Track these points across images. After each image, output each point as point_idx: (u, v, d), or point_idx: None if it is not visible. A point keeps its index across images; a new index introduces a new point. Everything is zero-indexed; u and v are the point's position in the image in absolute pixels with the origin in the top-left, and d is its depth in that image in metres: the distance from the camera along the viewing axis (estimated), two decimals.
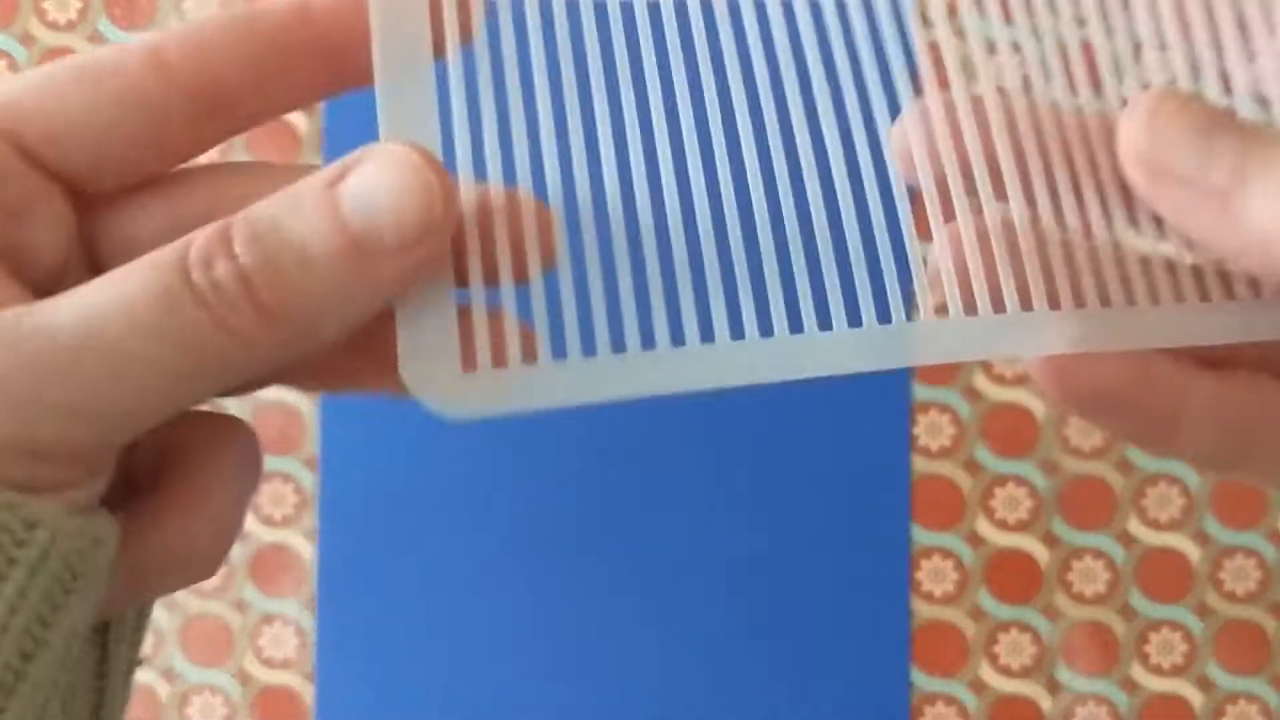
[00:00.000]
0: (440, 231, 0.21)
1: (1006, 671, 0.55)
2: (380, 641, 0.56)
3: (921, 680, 0.55)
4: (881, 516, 0.55)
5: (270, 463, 0.56)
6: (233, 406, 0.57)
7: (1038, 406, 0.55)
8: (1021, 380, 0.55)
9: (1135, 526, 0.55)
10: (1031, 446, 0.55)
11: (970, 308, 0.23)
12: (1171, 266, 0.24)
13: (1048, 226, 0.24)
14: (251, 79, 0.23)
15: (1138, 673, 0.55)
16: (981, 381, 0.55)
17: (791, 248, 0.23)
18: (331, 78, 0.23)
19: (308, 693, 0.56)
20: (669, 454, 0.55)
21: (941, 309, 0.24)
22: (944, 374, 0.55)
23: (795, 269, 0.23)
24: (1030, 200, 0.23)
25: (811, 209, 0.23)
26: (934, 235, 0.23)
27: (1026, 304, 0.23)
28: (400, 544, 0.56)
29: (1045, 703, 0.55)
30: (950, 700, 0.55)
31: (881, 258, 0.23)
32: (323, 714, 0.55)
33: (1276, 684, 0.55)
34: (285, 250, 0.21)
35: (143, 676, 0.56)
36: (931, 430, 0.55)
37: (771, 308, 0.23)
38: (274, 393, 0.53)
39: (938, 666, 0.55)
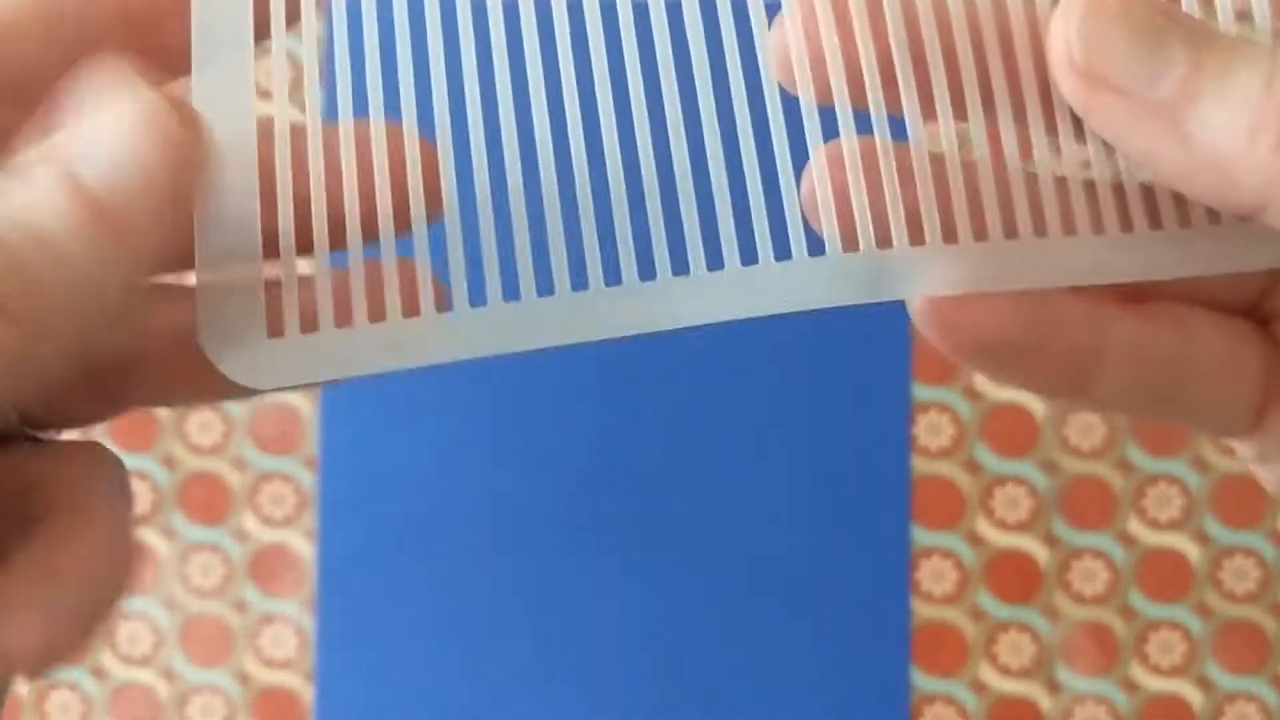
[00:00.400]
0: (190, 168, 0.19)
1: (1006, 671, 0.55)
2: (380, 641, 0.56)
3: (921, 680, 0.55)
4: (881, 516, 0.55)
5: (270, 463, 0.56)
6: (229, 406, 0.57)
7: (1038, 406, 0.55)
8: None
9: (1135, 526, 0.55)
10: (1031, 446, 0.55)
11: (850, 242, 0.20)
12: (1093, 191, 0.21)
13: (947, 145, 0.21)
14: (57, 61, 0.20)
15: (1137, 673, 0.55)
16: (981, 381, 0.55)
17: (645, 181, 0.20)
18: (145, 56, 0.20)
19: (307, 693, 0.56)
20: (669, 455, 0.55)
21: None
22: (944, 374, 0.55)
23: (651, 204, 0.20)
24: (931, 113, 0.21)
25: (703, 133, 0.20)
26: (810, 156, 0.20)
27: (916, 237, 0.20)
28: (400, 544, 0.56)
29: (1045, 703, 0.55)
30: (950, 700, 0.55)
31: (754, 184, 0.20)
32: (322, 714, 0.55)
33: (1276, 684, 0.55)
34: (20, 239, 0.17)
35: (143, 676, 0.56)
36: (931, 430, 0.55)
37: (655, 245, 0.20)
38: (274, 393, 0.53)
39: (938, 666, 0.55)
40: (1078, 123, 0.21)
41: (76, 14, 0.20)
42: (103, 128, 0.18)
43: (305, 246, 0.20)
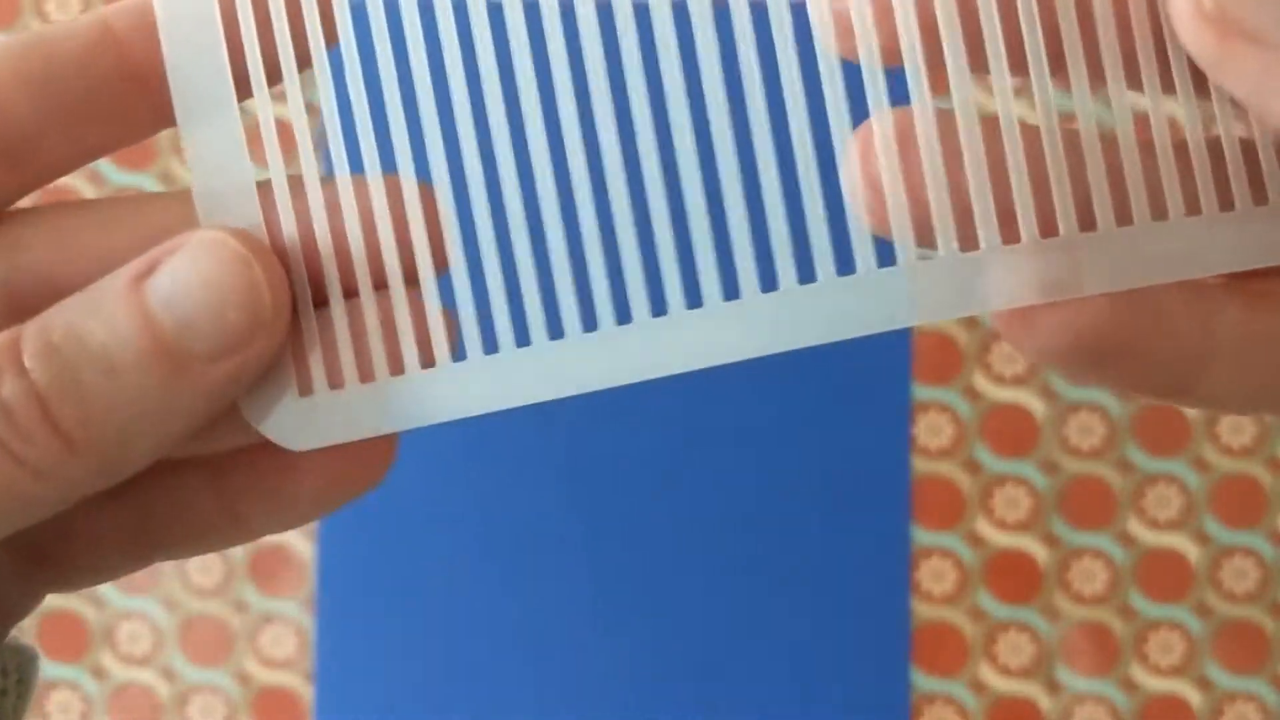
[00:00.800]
0: (270, 331, 0.18)
1: (1006, 671, 0.55)
2: (380, 641, 0.56)
3: (921, 680, 0.55)
4: (881, 516, 0.55)
5: None
6: None
7: (1038, 406, 0.55)
8: (1021, 380, 0.55)
9: (1135, 526, 0.55)
10: (1031, 446, 0.55)
11: (927, 241, 0.18)
12: (1219, 160, 0.18)
13: (1044, 115, 0.18)
14: (53, 119, 0.19)
15: (1137, 672, 0.55)
16: (981, 381, 0.55)
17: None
18: (149, 110, 0.20)
19: (307, 693, 0.56)
20: (669, 455, 0.55)
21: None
22: (944, 374, 0.55)
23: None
24: (1021, 72, 0.17)
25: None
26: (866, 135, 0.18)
27: (1010, 233, 0.18)
28: (400, 544, 0.56)
29: (1045, 702, 0.55)
30: (950, 700, 0.55)
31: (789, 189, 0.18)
32: (322, 714, 0.55)
33: (1275, 684, 0.55)
34: (85, 361, 0.18)
35: (143, 676, 0.56)
36: (931, 430, 0.55)
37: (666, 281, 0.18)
38: None
39: (938, 666, 0.55)
40: (1197, 81, 0.18)
41: (73, 72, 0.19)
42: (183, 263, 0.18)
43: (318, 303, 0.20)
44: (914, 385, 0.55)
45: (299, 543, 0.56)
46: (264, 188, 0.20)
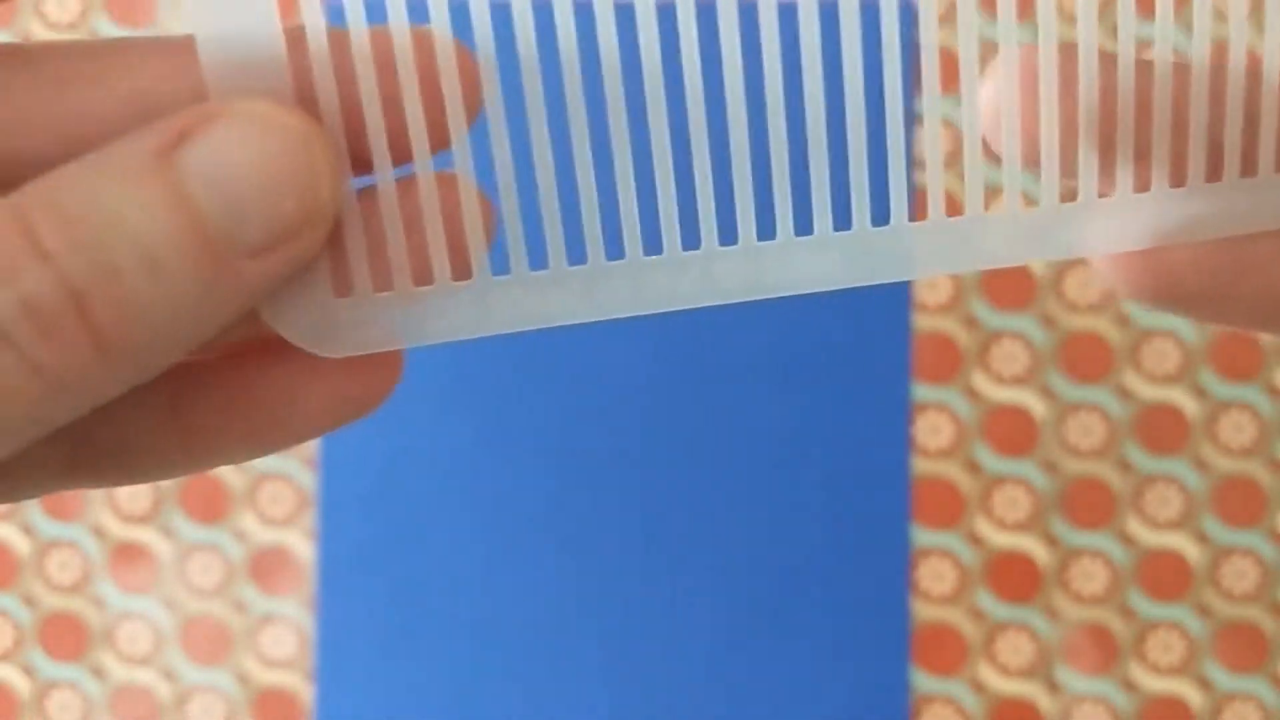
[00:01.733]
0: (322, 224, 0.16)
1: (1006, 671, 0.55)
2: (380, 641, 0.56)
3: (921, 680, 0.55)
4: (881, 516, 0.55)
5: (270, 463, 0.56)
6: None
7: (1038, 406, 0.55)
8: (1021, 380, 0.55)
9: (1135, 526, 0.55)
10: (1031, 446, 0.55)
11: (1031, 163, 0.18)
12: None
13: (1160, 51, 0.18)
14: None
15: (1136, 672, 0.55)
16: (981, 382, 0.55)
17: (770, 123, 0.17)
18: None
19: (308, 693, 0.56)
20: (669, 455, 0.55)
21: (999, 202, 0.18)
22: (944, 374, 0.55)
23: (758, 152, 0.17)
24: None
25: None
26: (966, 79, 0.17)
27: (1106, 184, 0.18)
28: (400, 544, 0.56)
29: (1044, 702, 0.55)
30: (950, 700, 0.55)
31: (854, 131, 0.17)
32: (322, 714, 0.55)
33: (1275, 683, 0.55)
34: (122, 247, 0.15)
35: (143, 676, 0.56)
36: (931, 430, 0.55)
37: (739, 208, 0.17)
38: None
39: (938, 666, 0.55)
40: None
41: None
42: (226, 139, 0.15)
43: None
44: (914, 385, 0.55)
45: (299, 543, 0.56)
46: (292, 38, 0.16)
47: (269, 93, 0.16)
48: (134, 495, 0.56)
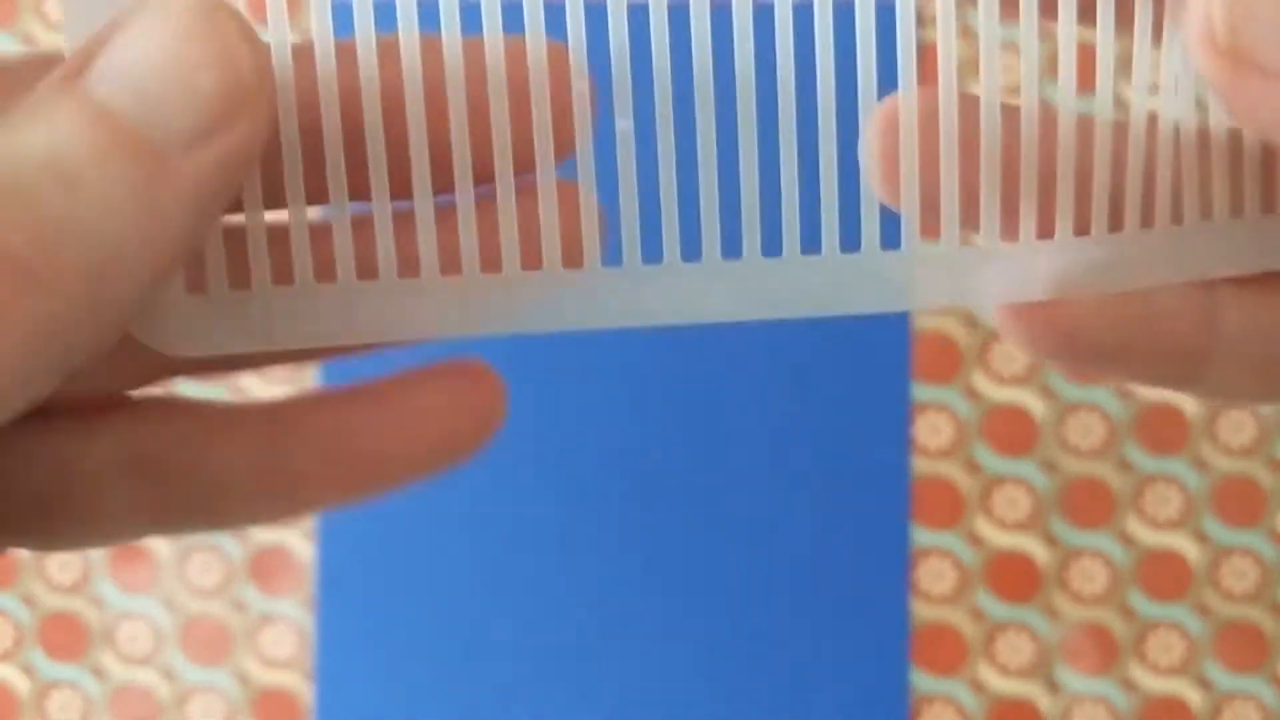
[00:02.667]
0: (253, 104, 0.14)
1: (1006, 671, 0.55)
2: (380, 641, 0.56)
3: (921, 680, 0.55)
4: (881, 516, 0.55)
5: None
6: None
7: (1038, 406, 0.55)
8: (1021, 380, 0.55)
9: (1134, 526, 0.55)
10: (1031, 446, 0.55)
11: (930, 231, 0.17)
12: (1206, 169, 0.18)
13: (1064, 109, 0.17)
14: None
15: (1136, 672, 0.55)
16: (981, 381, 0.55)
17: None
18: None
19: (308, 693, 0.56)
20: (669, 455, 0.55)
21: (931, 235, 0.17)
22: (944, 374, 0.55)
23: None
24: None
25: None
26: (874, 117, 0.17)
27: (1009, 230, 0.17)
28: (400, 544, 0.56)
29: (1044, 703, 0.55)
30: (950, 700, 0.55)
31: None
32: (323, 714, 0.55)
33: (1275, 683, 0.55)
34: (32, 174, 0.14)
35: (143, 676, 0.56)
36: (931, 430, 0.55)
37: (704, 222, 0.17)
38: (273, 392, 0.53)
39: (937, 666, 0.55)
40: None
41: None
42: (133, 35, 0.14)
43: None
44: (914, 385, 0.55)
45: (299, 543, 0.56)
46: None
47: None
48: None
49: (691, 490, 0.55)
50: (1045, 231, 0.17)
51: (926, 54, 0.17)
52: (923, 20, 0.17)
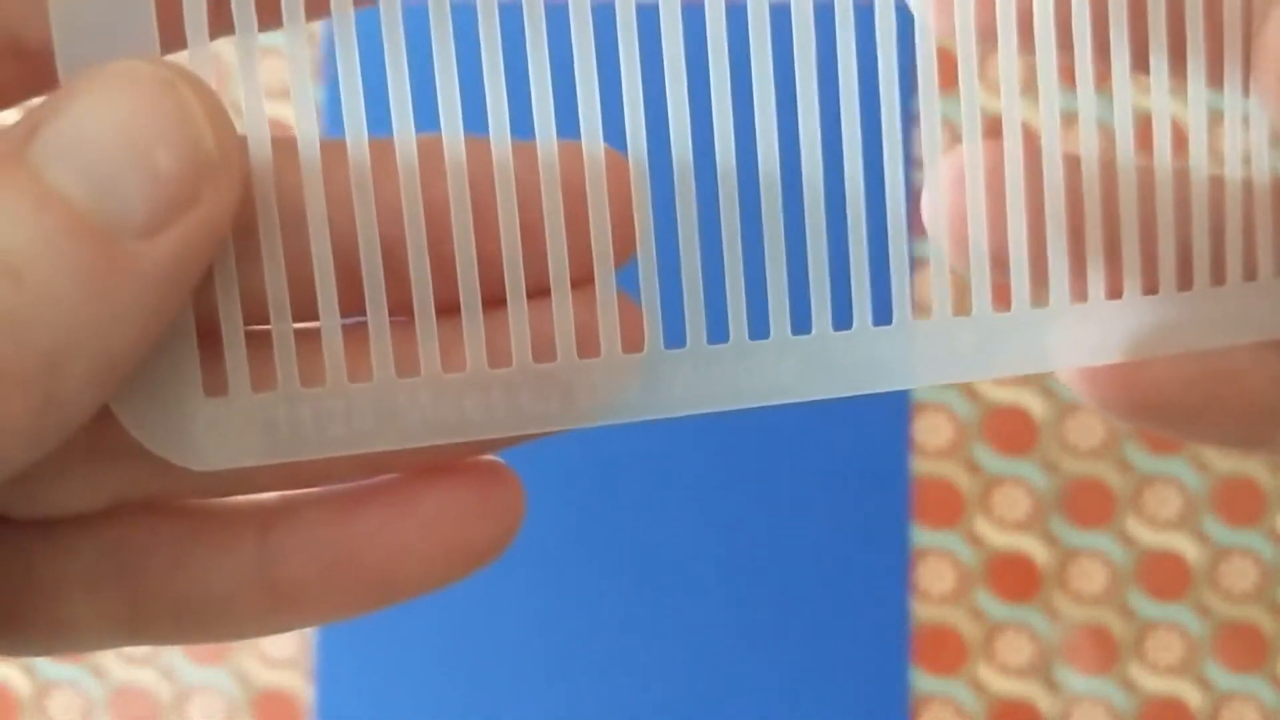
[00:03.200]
0: (220, 178, 0.13)
1: (1006, 671, 0.55)
2: (380, 641, 0.56)
3: (921, 680, 0.55)
4: (881, 516, 0.55)
5: None
6: None
7: (1037, 406, 0.55)
8: (1021, 380, 0.55)
9: (1134, 526, 0.55)
10: (1031, 446, 0.55)
11: (1002, 301, 0.17)
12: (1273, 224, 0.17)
13: (1122, 158, 0.17)
14: None
15: (1136, 672, 0.55)
16: (981, 382, 0.55)
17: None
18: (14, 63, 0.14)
19: (308, 693, 0.56)
20: (669, 455, 0.55)
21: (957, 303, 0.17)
22: None
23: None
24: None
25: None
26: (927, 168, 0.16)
27: (1079, 291, 0.17)
28: None
29: (1044, 702, 0.55)
30: (950, 700, 0.55)
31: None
32: (323, 714, 0.55)
33: (1275, 683, 0.55)
34: None
35: (143, 676, 0.56)
36: (931, 430, 0.55)
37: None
38: None
39: (937, 666, 0.55)
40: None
41: None
42: (83, 107, 0.13)
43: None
44: None
45: None
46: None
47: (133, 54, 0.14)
48: None
49: (691, 491, 0.55)
50: (1114, 291, 0.17)
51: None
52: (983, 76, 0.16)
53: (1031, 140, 0.17)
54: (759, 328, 0.16)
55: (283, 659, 0.56)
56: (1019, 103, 0.16)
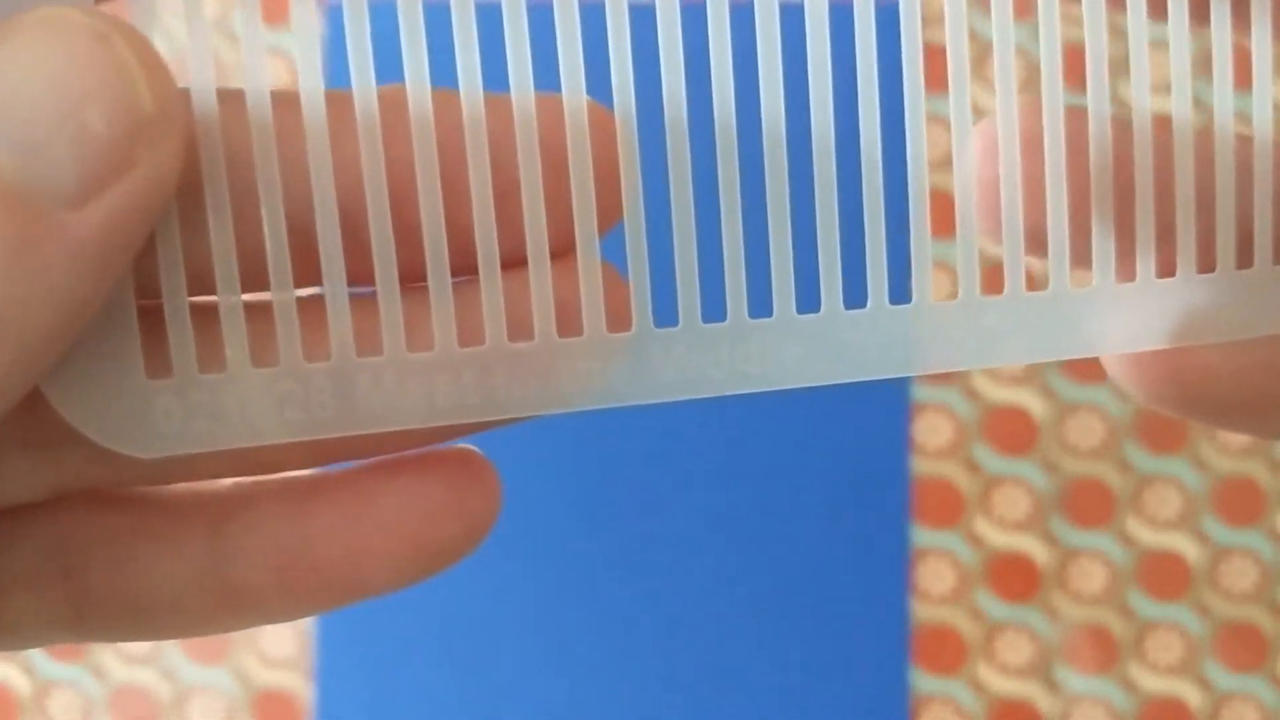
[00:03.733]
0: (158, 139, 0.12)
1: (1005, 671, 0.55)
2: (380, 641, 0.56)
3: (921, 680, 0.55)
4: (881, 516, 0.55)
5: None
6: None
7: (1037, 406, 0.55)
8: (1021, 380, 0.55)
9: (1134, 526, 0.55)
10: (1031, 446, 0.55)
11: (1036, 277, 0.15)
12: None
13: (1179, 125, 0.15)
14: None
15: (1136, 672, 0.55)
16: (981, 381, 0.55)
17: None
18: None
19: (308, 693, 0.56)
20: (670, 455, 0.55)
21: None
22: (944, 374, 0.55)
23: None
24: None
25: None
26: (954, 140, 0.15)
27: (1125, 269, 0.15)
28: None
29: (1044, 702, 0.55)
30: (949, 700, 0.55)
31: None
32: (323, 714, 0.55)
33: (1274, 683, 0.55)
34: None
35: (143, 676, 0.56)
36: (931, 430, 0.55)
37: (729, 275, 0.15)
38: None
39: (937, 666, 0.55)
40: None
41: None
42: (14, 66, 0.11)
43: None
44: (913, 385, 0.55)
45: None
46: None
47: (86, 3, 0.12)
48: None
49: (692, 490, 0.55)
50: (1165, 270, 0.15)
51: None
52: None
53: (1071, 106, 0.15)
54: (760, 306, 0.15)
55: (283, 659, 0.56)
56: (1059, 55, 0.15)
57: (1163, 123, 0.15)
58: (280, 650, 0.56)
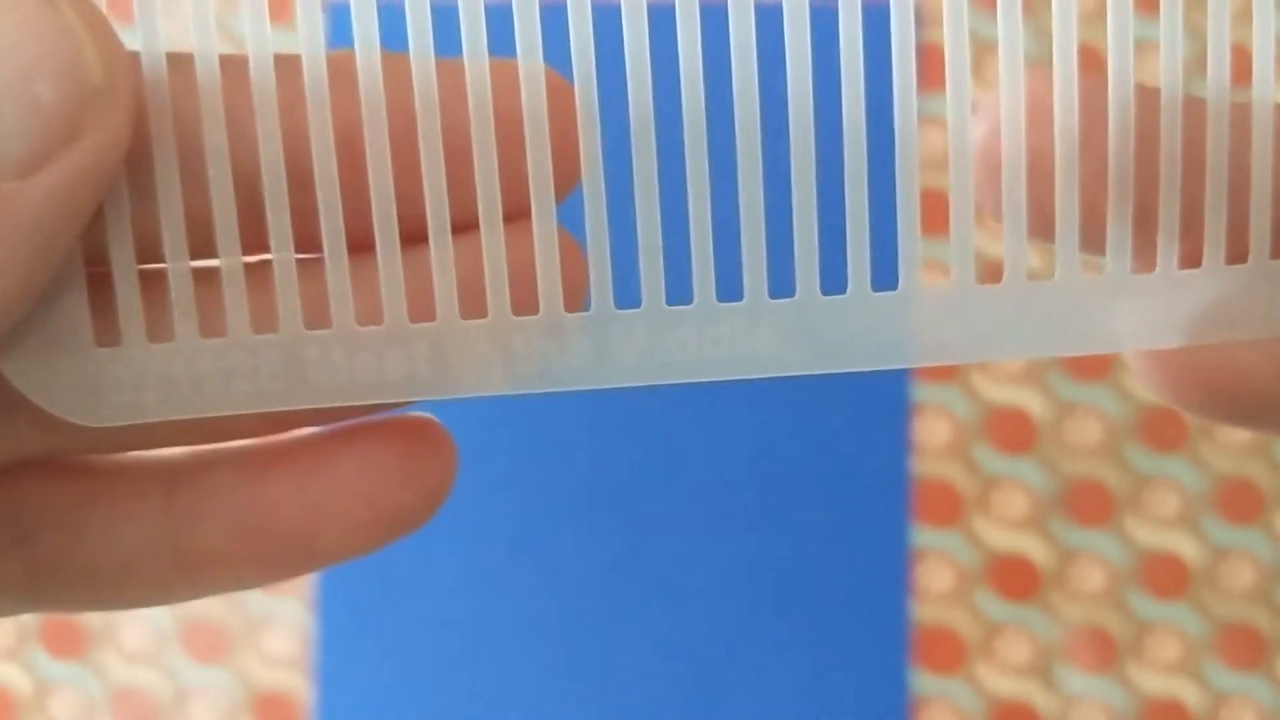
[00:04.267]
0: (108, 109, 0.12)
1: (1005, 671, 0.55)
2: (380, 641, 0.56)
3: (921, 680, 0.55)
4: (881, 516, 0.55)
5: None
6: None
7: (1037, 406, 0.55)
8: (1021, 380, 0.55)
9: (1134, 526, 0.55)
10: (1031, 446, 0.55)
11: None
12: None
13: (1169, 81, 0.13)
14: None
15: (1135, 672, 0.55)
16: (981, 381, 0.55)
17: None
18: None
19: (308, 693, 0.56)
20: (669, 455, 0.55)
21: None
22: (944, 373, 0.55)
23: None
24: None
25: None
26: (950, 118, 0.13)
27: (1145, 258, 0.13)
28: (400, 544, 0.55)
29: (1043, 702, 0.55)
30: (949, 700, 0.55)
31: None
32: (323, 714, 0.55)
33: (1274, 683, 0.55)
34: None
35: (143, 676, 0.56)
36: (931, 430, 0.55)
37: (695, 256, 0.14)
38: None
39: (937, 666, 0.55)
40: None
41: None
42: None
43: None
44: (914, 385, 0.55)
45: None
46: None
47: None
48: None
49: (690, 490, 0.55)
50: (1190, 258, 0.13)
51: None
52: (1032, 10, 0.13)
53: (1091, 70, 0.13)
54: (729, 288, 0.14)
55: (283, 659, 0.56)
56: (1075, 22, 0.13)
57: (1192, 98, 0.13)
58: (281, 650, 0.56)
